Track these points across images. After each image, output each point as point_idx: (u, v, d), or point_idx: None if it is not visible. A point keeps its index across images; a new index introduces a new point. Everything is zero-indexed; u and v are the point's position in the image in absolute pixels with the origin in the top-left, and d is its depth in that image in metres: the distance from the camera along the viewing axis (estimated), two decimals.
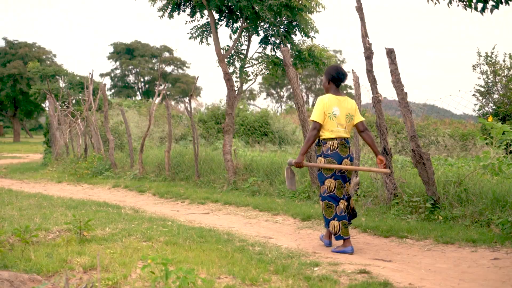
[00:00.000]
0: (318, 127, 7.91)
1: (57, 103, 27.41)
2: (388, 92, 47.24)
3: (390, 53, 9.97)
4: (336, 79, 8.11)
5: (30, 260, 6.70)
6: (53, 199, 12.52)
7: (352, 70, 11.74)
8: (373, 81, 10.51)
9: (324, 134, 7.95)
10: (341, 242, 8.00)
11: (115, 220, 9.35)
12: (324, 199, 7.98)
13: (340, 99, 8.06)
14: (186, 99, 70.24)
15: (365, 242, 8.54)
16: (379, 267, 6.64)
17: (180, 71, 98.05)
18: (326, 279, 5.86)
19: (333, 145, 7.89)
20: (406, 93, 9.89)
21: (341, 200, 7.93)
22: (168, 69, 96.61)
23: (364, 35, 10.47)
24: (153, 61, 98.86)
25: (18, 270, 6.29)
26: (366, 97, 13.53)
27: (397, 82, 9.88)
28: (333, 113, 7.92)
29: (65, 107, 28.49)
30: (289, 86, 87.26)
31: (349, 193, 8.13)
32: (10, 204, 11.24)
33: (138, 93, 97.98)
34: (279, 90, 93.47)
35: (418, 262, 7.17)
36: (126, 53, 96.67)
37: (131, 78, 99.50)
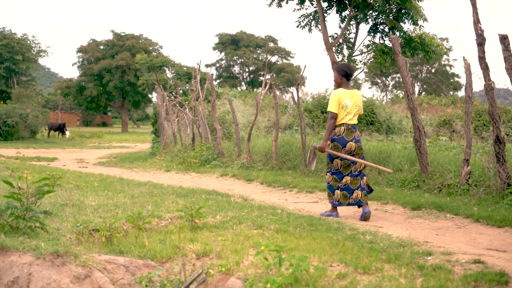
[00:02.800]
0: (335, 116, 9.50)
1: (165, 93, 27.84)
2: (496, 80, 45.97)
3: (504, 39, 9.71)
4: (348, 75, 9.70)
5: (144, 246, 6.85)
6: (163, 187, 12.73)
7: (463, 57, 11.48)
8: (485, 68, 10.26)
9: (336, 121, 9.55)
10: (330, 207, 10.05)
11: (225, 208, 9.46)
12: (333, 174, 9.72)
13: (351, 92, 9.63)
14: (291, 89, 70.08)
15: (478, 232, 8.38)
16: (494, 257, 6.50)
17: (285, 61, 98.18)
18: (439, 268, 5.78)
19: (340, 131, 9.53)
20: None
21: (345, 176, 9.59)
22: (273, 59, 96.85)
23: (476, 21, 10.24)
24: (258, 51, 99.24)
25: (132, 256, 6.44)
26: (478, 84, 13.22)
27: (511, 69, 9.62)
28: (346, 104, 9.48)
29: (172, 97, 28.92)
30: (394, 75, 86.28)
31: (361, 171, 9.66)
32: (122, 192, 11.49)
33: (243, 83, 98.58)
34: (384, 79, 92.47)
35: None
36: (231, 43, 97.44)
37: (236, 68, 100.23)
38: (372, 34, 15.50)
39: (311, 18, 15.66)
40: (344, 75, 9.66)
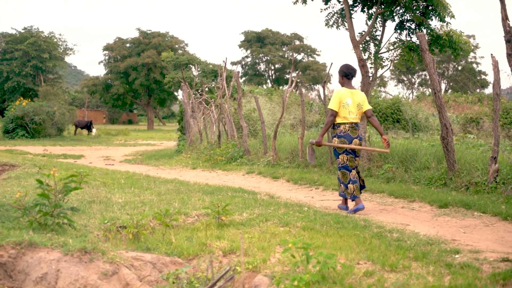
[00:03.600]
0: (335, 114, 9.98)
1: (191, 91, 27.89)
2: None
3: None
4: (348, 75, 10.20)
5: (171, 243, 6.87)
6: (189, 184, 12.75)
7: (491, 54, 11.38)
8: None
9: (338, 120, 10.01)
10: (353, 203, 10.27)
11: (251, 205, 9.45)
12: (340, 169, 10.10)
13: (352, 91, 10.08)
14: (317, 86, 69.98)
15: (506, 230, 8.31)
16: None
17: (310, 58, 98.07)
18: (467, 266, 5.74)
19: (345, 128, 9.96)
20: None
21: (352, 170, 9.99)
22: (299, 56, 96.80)
23: (504, 18, 10.15)
24: (284, 49, 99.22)
25: (159, 252, 6.46)
26: (506, 82, 13.06)
27: None
28: (346, 103, 9.93)
29: (198, 94, 28.97)
30: (420, 73, 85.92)
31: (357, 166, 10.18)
32: (149, 189, 11.52)
33: (268, 80, 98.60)
34: (410, 76, 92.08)
35: None
36: (257, 41, 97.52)
37: (262, 66, 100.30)
38: (398, 31, 15.40)
39: (338, 15, 15.60)
40: (345, 75, 10.24)
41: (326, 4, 15.44)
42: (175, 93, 79.41)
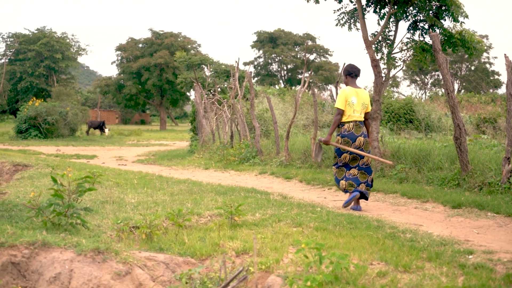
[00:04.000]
0: (342, 112, 10.16)
1: (203, 91, 27.90)
2: None
3: None
4: (352, 73, 10.47)
5: (184, 243, 6.88)
6: (202, 185, 12.75)
7: (505, 54, 11.33)
8: None
9: (343, 118, 10.20)
10: (347, 194, 10.61)
11: (264, 206, 9.45)
12: (338, 167, 10.42)
13: (357, 90, 10.30)
14: (329, 87, 69.96)
15: None
16: None
17: (323, 58, 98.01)
18: (481, 267, 5.72)
19: (349, 127, 10.15)
20: None
21: (353, 169, 10.25)
22: (311, 57, 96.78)
23: None
24: (296, 49, 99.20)
25: (172, 253, 6.47)
26: None
27: None
28: (352, 102, 10.14)
29: (211, 95, 28.99)
30: (433, 73, 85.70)
31: (368, 164, 10.35)
32: (162, 190, 11.53)
33: (280, 81, 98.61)
34: (423, 76, 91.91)
35: None
36: (269, 41, 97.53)
37: (274, 66, 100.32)
38: (411, 31, 15.36)
39: (350, 15, 15.57)
40: (349, 74, 10.52)
41: (339, 3, 15.39)
42: (188, 94, 79.49)
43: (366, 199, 10.36)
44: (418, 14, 14.96)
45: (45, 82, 76.75)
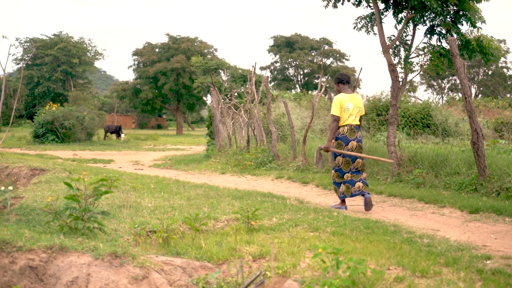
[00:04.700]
0: (338, 119, 10.65)
1: (220, 95, 27.92)
2: None
3: None
4: (342, 81, 10.98)
5: (201, 248, 6.88)
6: (219, 189, 12.75)
7: None
8: None
9: (339, 123, 10.68)
10: (342, 202, 11.00)
11: (281, 210, 9.44)
12: (336, 171, 10.90)
13: (351, 96, 10.79)
14: None
15: None
16: None
17: (340, 63, 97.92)
18: (499, 272, 5.70)
19: (343, 130, 10.64)
20: None
21: (346, 173, 10.74)
22: (328, 61, 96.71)
23: None
24: (313, 53, 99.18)
25: (189, 257, 6.47)
26: None
27: None
28: (347, 107, 10.62)
29: (227, 99, 29.00)
30: (450, 77, 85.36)
31: (360, 168, 10.76)
32: (179, 194, 11.54)
33: (297, 85, 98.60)
34: (440, 81, 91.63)
35: None
36: (286, 46, 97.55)
37: (291, 71, 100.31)
38: (428, 36, 15.30)
39: (368, 20, 15.54)
40: (340, 82, 11.04)
41: (357, 7, 15.36)
42: (204, 98, 79.56)
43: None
44: (436, 19, 14.90)
45: (62, 87, 77.11)
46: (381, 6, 15.07)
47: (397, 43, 15.40)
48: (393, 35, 15.39)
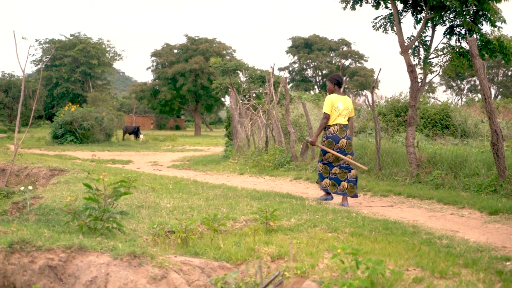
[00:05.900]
0: (328, 117, 11.35)
1: (238, 96, 27.93)
2: None
3: None
4: (339, 83, 11.60)
5: (219, 248, 6.88)
6: (237, 190, 12.75)
7: None
8: None
9: (330, 122, 11.39)
10: (323, 193, 12.01)
11: (299, 211, 9.43)
12: (324, 164, 11.57)
13: (342, 97, 11.51)
14: (364, 92, 69.70)
15: None
16: None
17: (358, 64, 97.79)
18: None
19: (334, 129, 11.33)
20: None
21: (335, 167, 11.41)
22: (346, 62, 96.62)
23: None
24: (331, 54, 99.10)
25: (208, 257, 6.47)
26: None
27: None
28: (338, 107, 11.33)
29: (246, 100, 29.01)
30: (470, 78, 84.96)
31: (349, 165, 11.43)
32: (197, 195, 11.55)
33: (315, 86, 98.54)
34: (459, 82, 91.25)
35: None
36: (304, 47, 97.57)
37: (309, 72, 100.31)
38: (448, 36, 15.22)
39: (387, 20, 15.49)
40: (336, 83, 11.63)
41: (376, 8, 15.30)
42: (222, 99, 79.72)
43: (356, 197, 11.51)
44: (455, 19, 14.83)
45: (81, 88, 77.55)
46: (400, 6, 15.02)
47: (416, 43, 15.33)
48: (412, 36, 15.34)
